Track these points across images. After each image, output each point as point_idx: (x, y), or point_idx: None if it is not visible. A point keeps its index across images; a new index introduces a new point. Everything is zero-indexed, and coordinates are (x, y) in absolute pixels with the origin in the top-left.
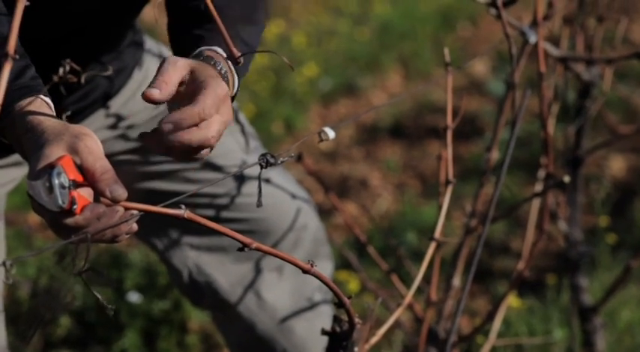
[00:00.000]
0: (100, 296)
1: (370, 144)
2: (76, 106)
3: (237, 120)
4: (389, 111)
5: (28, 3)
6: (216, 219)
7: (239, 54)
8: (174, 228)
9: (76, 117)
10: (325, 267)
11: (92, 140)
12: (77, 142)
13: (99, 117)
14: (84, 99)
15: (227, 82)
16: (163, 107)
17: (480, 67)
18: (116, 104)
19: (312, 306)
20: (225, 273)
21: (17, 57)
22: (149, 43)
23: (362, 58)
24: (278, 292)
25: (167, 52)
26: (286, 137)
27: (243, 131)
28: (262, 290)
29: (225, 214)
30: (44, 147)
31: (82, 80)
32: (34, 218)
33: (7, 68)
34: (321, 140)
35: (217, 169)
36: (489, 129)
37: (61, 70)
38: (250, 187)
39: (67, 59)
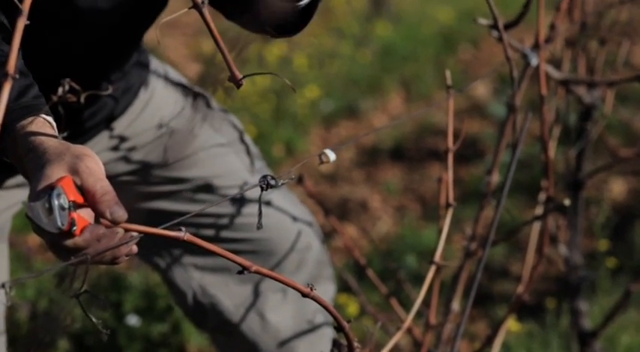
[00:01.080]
0: (95, 320)
1: (370, 167)
2: (82, 126)
3: (242, 141)
4: (390, 134)
5: (28, 22)
6: (219, 239)
7: (241, 76)
8: (178, 249)
9: (81, 138)
10: (327, 289)
11: (93, 161)
12: (78, 163)
13: (103, 138)
14: (90, 118)
15: None
16: (167, 128)
17: (481, 89)
18: (121, 124)
19: (315, 328)
20: (230, 294)
21: (17, 76)
22: (155, 63)
23: (363, 80)
24: (282, 313)
25: (173, 72)
26: (287, 159)
27: (248, 151)
28: (266, 311)
29: (228, 234)
30: (45, 168)
31: (82, 100)
32: (33, 240)
33: (7, 87)
34: (322, 162)
35: (221, 189)
36: (490, 152)
37: (60, 90)
38: (254, 208)
39: (67, 79)
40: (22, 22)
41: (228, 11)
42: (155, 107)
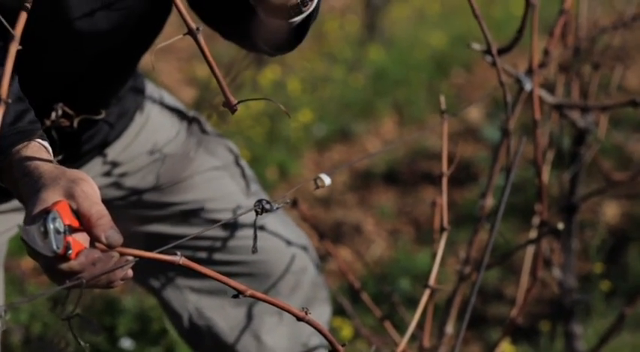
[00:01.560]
0: (84, 344)
1: (364, 190)
2: (78, 151)
3: (237, 164)
4: (383, 158)
5: (20, 47)
6: (215, 262)
7: (235, 102)
8: (174, 271)
9: (77, 162)
10: (323, 312)
11: (88, 185)
12: (74, 187)
13: (99, 163)
14: (86, 143)
15: None
16: (163, 152)
17: (474, 113)
18: (117, 149)
19: (310, 351)
20: (226, 317)
21: (10, 101)
22: (150, 87)
23: (356, 104)
24: (277, 336)
25: (168, 96)
26: (280, 183)
27: (243, 174)
28: (262, 333)
29: (224, 257)
30: (40, 192)
31: (75, 124)
32: (27, 263)
33: (0, 113)
34: (317, 187)
35: (217, 212)
36: (483, 176)
37: (53, 115)
38: (250, 231)
39: (60, 103)
40: (14, 47)
41: (224, 31)
42: (150, 131)
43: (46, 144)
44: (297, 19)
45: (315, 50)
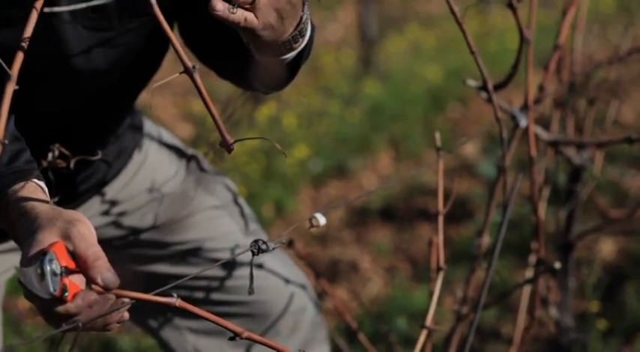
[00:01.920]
0: None
1: (360, 227)
2: (75, 190)
3: (235, 202)
4: (379, 194)
5: (17, 87)
6: (214, 302)
7: (232, 141)
8: (172, 312)
9: (75, 202)
10: None
11: (85, 226)
12: (70, 228)
13: (97, 202)
14: (84, 182)
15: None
16: (161, 190)
17: (469, 148)
18: (115, 188)
19: None
20: None
21: (7, 142)
22: (148, 125)
23: (352, 140)
24: None
25: (166, 134)
26: (277, 219)
27: (242, 213)
28: None
29: (223, 297)
30: (37, 233)
31: (72, 165)
32: (23, 304)
33: None
34: (312, 226)
35: (216, 252)
36: (479, 212)
37: (49, 156)
38: (248, 270)
39: (56, 144)
40: (10, 88)
41: (218, 69)
42: (149, 169)
43: (42, 184)
44: (289, 55)
45: (310, 84)
